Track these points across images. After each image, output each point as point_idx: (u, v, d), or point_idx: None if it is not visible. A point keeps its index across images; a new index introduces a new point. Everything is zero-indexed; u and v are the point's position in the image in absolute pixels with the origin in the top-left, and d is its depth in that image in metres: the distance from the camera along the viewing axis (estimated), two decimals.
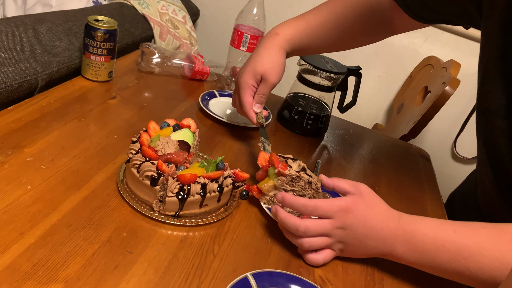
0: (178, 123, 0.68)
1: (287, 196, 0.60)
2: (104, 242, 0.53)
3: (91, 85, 0.89)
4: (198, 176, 0.59)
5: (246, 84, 0.76)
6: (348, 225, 0.57)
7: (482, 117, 0.67)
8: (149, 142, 0.62)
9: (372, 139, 1.11)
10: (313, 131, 0.97)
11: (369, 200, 0.59)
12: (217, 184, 0.60)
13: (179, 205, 0.58)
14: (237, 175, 0.63)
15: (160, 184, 0.58)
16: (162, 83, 1.01)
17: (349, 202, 0.58)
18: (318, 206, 0.57)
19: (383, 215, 0.58)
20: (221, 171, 0.61)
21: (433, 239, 0.54)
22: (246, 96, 0.77)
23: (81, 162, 0.66)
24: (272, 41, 0.78)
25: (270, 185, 0.66)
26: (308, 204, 0.58)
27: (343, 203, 0.58)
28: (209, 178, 0.59)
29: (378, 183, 0.87)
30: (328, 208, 0.57)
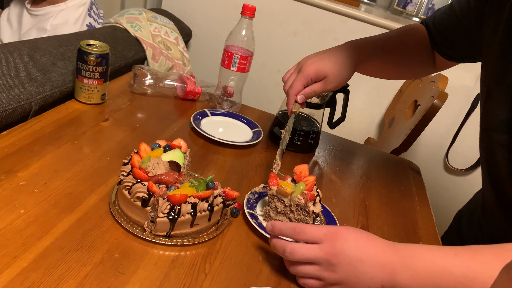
0: (169, 144, 0.69)
1: (276, 224, 0.58)
2: (96, 263, 0.54)
3: (84, 108, 0.91)
4: (188, 196, 0.60)
5: (306, 74, 0.78)
6: (338, 250, 0.53)
7: (484, 134, 0.70)
8: (140, 164, 0.63)
9: (363, 154, 1.13)
10: (304, 147, 0.98)
11: (359, 229, 0.57)
12: (207, 203, 0.61)
13: (170, 225, 0.59)
14: (227, 194, 0.64)
15: (151, 205, 0.59)
16: (155, 103, 1.03)
17: (338, 227, 0.56)
18: (305, 228, 0.56)
19: (377, 240, 0.55)
20: (211, 190, 0.62)
21: (434, 262, 0.52)
22: (298, 83, 0.78)
23: (74, 185, 0.67)
24: (353, 52, 0.80)
25: (286, 191, 0.67)
26: (296, 227, 0.57)
27: (332, 228, 0.56)
28: (199, 198, 0.61)
29: (368, 197, 0.88)
30: (315, 232, 0.55)
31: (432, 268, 0.51)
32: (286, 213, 0.69)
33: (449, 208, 1.21)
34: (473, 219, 0.85)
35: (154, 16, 1.40)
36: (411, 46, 0.88)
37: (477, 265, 0.50)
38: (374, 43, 0.85)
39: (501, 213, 0.70)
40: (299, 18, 1.69)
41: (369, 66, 0.86)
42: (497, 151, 0.65)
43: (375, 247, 0.54)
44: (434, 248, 0.54)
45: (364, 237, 0.56)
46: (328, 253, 0.54)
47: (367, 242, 0.55)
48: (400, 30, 0.90)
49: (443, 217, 1.15)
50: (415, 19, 1.82)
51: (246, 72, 1.04)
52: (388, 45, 0.87)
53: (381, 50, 0.86)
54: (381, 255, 0.54)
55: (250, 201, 0.73)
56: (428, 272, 0.51)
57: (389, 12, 1.89)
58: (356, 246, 0.54)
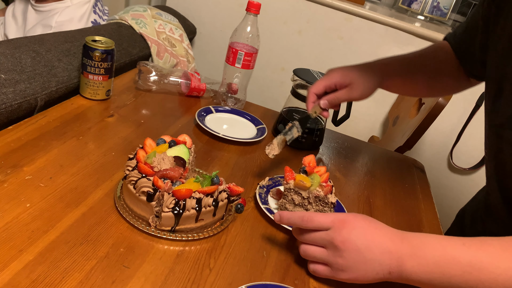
0: (174, 140, 0.69)
1: (283, 214, 0.60)
2: (101, 257, 0.54)
3: (89, 104, 0.91)
4: (193, 191, 0.60)
5: (331, 76, 0.78)
6: (345, 237, 0.55)
7: (492, 131, 0.70)
8: (145, 159, 0.63)
9: (367, 151, 1.13)
10: (308, 144, 0.98)
11: (368, 217, 0.58)
12: (212, 198, 0.61)
13: (175, 220, 0.59)
14: (231, 190, 0.64)
15: (156, 199, 0.59)
16: (159, 100, 1.03)
17: (345, 216, 0.58)
18: (314, 217, 0.58)
19: (385, 229, 0.56)
20: (215, 185, 0.62)
21: (442, 251, 0.52)
22: (320, 83, 0.79)
23: (79, 180, 0.67)
24: (380, 68, 0.82)
25: (305, 185, 0.67)
26: (304, 215, 0.58)
27: (340, 215, 0.58)
28: (204, 193, 0.61)
29: (373, 195, 0.88)
30: (323, 219, 0.57)
31: (440, 257, 0.52)
32: (304, 205, 0.70)
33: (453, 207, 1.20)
34: (476, 217, 0.85)
35: (159, 13, 1.40)
36: (438, 65, 0.87)
37: (485, 256, 0.50)
38: (401, 63, 0.85)
39: (506, 210, 0.69)
40: (303, 16, 1.68)
41: (395, 83, 0.86)
42: (505, 148, 0.65)
43: (383, 235, 0.55)
44: (443, 237, 0.54)
45: (372, 225, 0.57)
46: (335, 239, 0.55)
47: (375, 230, 0.56)
48: (433, 47, 0.89)
49: (447, 216, 1.15)
50: (420, 17, 1.82)
51: (251, 69, 1.04)
52: (414, 64, 0.87)
53: (407, 68, 0.86)
54: (389, 242, 0.54)
55: (262, 195, 0.74)
56: (436, 260, 0.52)
57: (394, 10, 1.88)
58: (364, 234, 0.55)
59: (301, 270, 0.62)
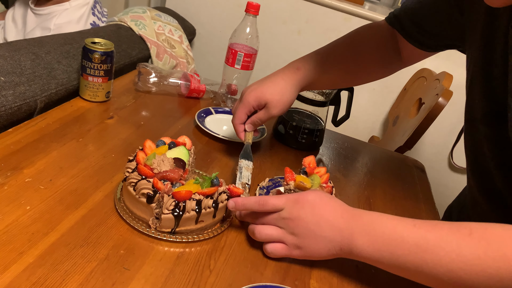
0: (174, 141, 0.69)
1: (238, 200, 0.61)
2: (101, 259, 0.54)
3: (89, 106, 0.91)
4: (193, 193, 0.60)
5: (247, 102, 0.78)
6: (295, 215, 0.57)
7: (468, 125, 0.69)
8: (145, 161, 0.63)
9: (367, 151, 1.12)
10: (308, 145, 0.98)
11: (321, 195, 0.59)
12: (212, 200, 0.61)
13: (175, 222, 0.59)
14: (231, 191, 0.64)
15: (156, 201, 0.59)
16: (159, 101, 1.03)
17: (298, 194, 0.60)
18: (268, 200, 0.59)
19: (337, 206, 0.58)
20: (215, 187, 0.62)
21: (392, 230, 0.53)
22: (240, 112, 0.80)
23: (79, 182, 0.67)
24: (291, 75, 0.80)
25: (306, 186, 0.67)
26: (259, 199, 0.60)
27: (291, 196, 0.60)
28: (204, 195, 0.61)
29: (373, 195, 0.88)
30: (278, 201, 0.59)
31: (389, 235, 0.53)
32: None
33: None
34: (463, 213, 0.85)
35: (158, 15, 1.40)
36: (365, 48, 0.85)
37: (432, 237, 0.51)
38: (316, 59, 0.81)
39: (488, 204, 0.69)
40: (302, 16, 1.69)
41: (316, 83, 0.83)
42: (483, 143, 0.64)
43: (334, 212, 0.57)
44: (396, 218, 0.55)
45: (324, 202, 0.58)
46: (287, 218, 0.58)
47: (325, 206, 0.57)
48: (350, 34, 0.86)
49: None
50: None
51: (250, 69, 1.04)
52: (335, 55, 0.84)
53: (327, 63, 0.82)
54: (340, 219, 0.56)
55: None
56: (386, 238, 0.53)
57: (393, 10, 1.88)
58: (312, 212, 0.57)
59: (301, 270, 0.62)
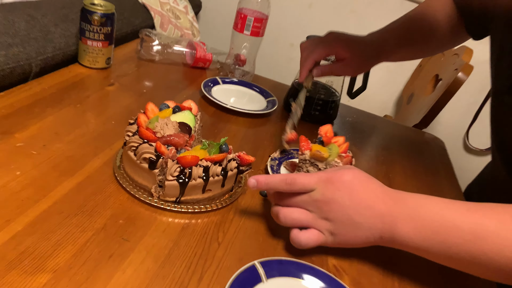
0: (179, 105, 0.63)
1: (260, 178, 0.51)
2: (98, 229, 0.49)
3: (88, 72, 0.85)
4: (200, 159, 0.54)
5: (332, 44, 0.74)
6: (329, 197, 0.48)
7: (494, 98, 0.64)
8: (147, 124, 0.58)
9: (384, 127, 1.06)
10: (322, 118, 0.92)
11: (359, 174, 0.50)
12: (220, 167, 0.55)
13: (180, 190, 0.53)
14: (242, 158, 0.58)
15: (159, 167, 0.53)
16: (163, 71, 0.97)
17: (332, 173, 0.50)
18: (296, 179, 0.49)
19: (377, 187, 0.50)
20: (224, 153, 0.56)
21: (442, 216, 0.46)
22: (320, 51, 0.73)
23: (75, 148, 0.62)
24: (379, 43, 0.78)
25: (323, 155, 0.61)
26: (286, 177, 0.50)
27: (325, 174, 0.50)
28: (212, 161, 0.55)
29: (392, 171, 0.82)
30: (307, 181, 0.49)
31: (439, 222, 0.46)
32: None
33: None
34: (483, 194, 0.79)
35: None
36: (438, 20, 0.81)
37: (491, 224, 0.44)
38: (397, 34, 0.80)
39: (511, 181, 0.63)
40: None
41: (391, 57, 0.83)
42: (508, 114, 0.58)
43: (374, 195, 0.49)
44: (445, 201, 0.48)
45: (363, 183, 0.50)
46: (320, 201, 0.49)
47: (365, 189, 0.49)
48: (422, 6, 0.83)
49: None
50: None
51: (260, 36, 0.97)
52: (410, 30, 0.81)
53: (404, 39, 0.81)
54: (381, 204, 0.48)
55: (273, 168, 0.68)
56: (435, 225, 0.46)
57: None
58: (351, 194, 0.48)
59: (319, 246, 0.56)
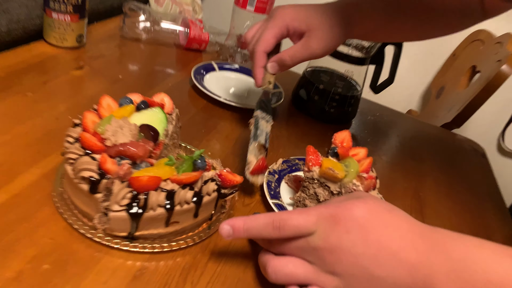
0: (146, 100, 0.48)
1: (236, 222, 0.37)
2: (8, 280, 0.34)
3: (54, 52, 0.70)
4: (162, 180, 0.39)
5: (281, 20, 0.52)
6: (335, 244, 0.34)
7: None
8: (96, 127, 0.42)
9: (413, 129, 0.89)
10: (338, 116, 0.75)
11: (376, 206, 0.36)
12: (192, 191, 0.40)
13: (132, 224, 0.38)
14: (224, 179, 0.42)
15: (103, 190, 0.38)
16: (149, 52, 0.81)
17: (336, 205, 0.36)
18: (286, 220, 0.36)
19: (401, 225, 0.35)
20: (199, 171, 0.41)
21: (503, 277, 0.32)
22: (268, 35, 0.52)
23: (9, 152, 0.47)
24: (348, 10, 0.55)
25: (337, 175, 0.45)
26: (272, 220, 0.36)
27: (324, 209, 0.36)
28: (180, 183, 0.39)
29: (422, 187, 0.66)
30: (302, 221, 0.35)
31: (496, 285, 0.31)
32: None
33: None
34: None
35: None
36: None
37: None
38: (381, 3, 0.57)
39: None
40: None
41: (371, 27, 0.57)
42: None
43: (400, 238, 0.34)
44: (503, 248, 0.34)
45: (382, 220, 0.35)
46: (321, 248, 0.35)
47: (385, 228, 0.34)
48: None
49: None
50: None
51: (267, 13, 0.80)
52: None
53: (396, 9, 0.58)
54: (411, 251, 0.34)
55: (271, 185, 0.52)
56: None
57: None
58: (364, 238, 0.34)
59: None
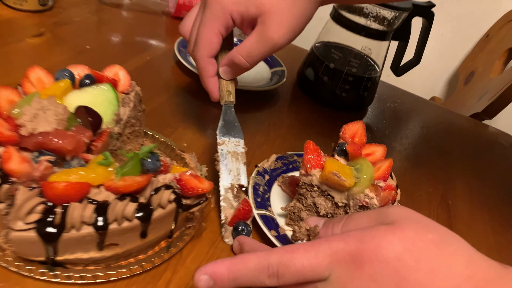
0: (91, 74, 0.36)
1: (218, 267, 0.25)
2: None
3: (12, 15, 0.59)
4: (94, 186, 0.27)
5: (221, 8, 0.37)
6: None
7: None
8: (13, 108, 0.31)
9: (439, 119, 0.75)
10: (351, 102, 0.63)
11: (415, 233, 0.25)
12: (135, 204, 0.28)
13: (46, 246, 0.27)
14: (185, 185, 0.30)
15: (5, 199, 0.27)
16: (130, 20, 0.69)
17: (357, 241, 0.25)
18: (288, 262, 0.25)
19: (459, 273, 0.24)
20: (147, 175, 0.29)
21: None
22: (208, 30, 0.38)
23: None
24: None
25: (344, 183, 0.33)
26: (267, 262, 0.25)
27: (339, 244, 0.25)
28: (117, 192, 0.28)
29: (451, 192, 0.53)
30: (310, 263, 0.25)
31: None
32: None
33: None
34: None
35: None
36: None
37: None
38: None
39: None
40: None
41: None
42: None
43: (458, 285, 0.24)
44: None
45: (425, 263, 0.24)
46: None
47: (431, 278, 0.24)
48: None
49: None
50: None
51: None
52: None
53: None
54: None
55: (259, 189, 0.40)
56: None
57: None
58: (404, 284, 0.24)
59: None
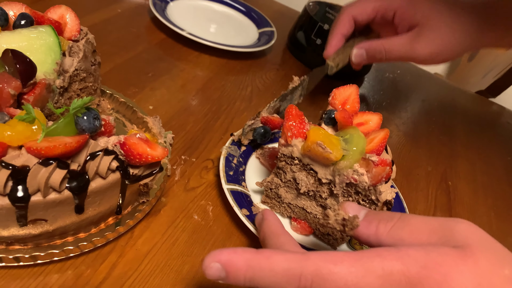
0: (29, 14, 0.29)
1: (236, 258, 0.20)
2: None
3: None
4: (13, 147, 0.22)
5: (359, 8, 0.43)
6: None
7: None
8: None
9: (441, 93, 0.70)
10: (346, 71, 0.56)
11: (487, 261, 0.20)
12: (64, 171, 0.22)
13: None
14: (130, 151, 0.25)
15: None
16: None
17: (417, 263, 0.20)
18: (328, 276, 0.20)
19: None
20: (82, 136, 0.23)
21: None
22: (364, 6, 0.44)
23: None
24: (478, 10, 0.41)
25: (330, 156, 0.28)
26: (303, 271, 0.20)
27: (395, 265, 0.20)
28: (39, 155, 0.22)
29: (452, 173, 0.48)
30: (356, 282, 0.19)
31: None
32: (319, 197, 0.31)
33: None
34: None
35: None
36: None
37: None
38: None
39: None
40: None
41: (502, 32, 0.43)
42: None
43: None
44: None
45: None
46: None
47: None
48: None
49: None
50: None
51: None
52: None
53: None
54: None
55: (232, 161, 0.35)
56: None
57: None
58: None
59: None
